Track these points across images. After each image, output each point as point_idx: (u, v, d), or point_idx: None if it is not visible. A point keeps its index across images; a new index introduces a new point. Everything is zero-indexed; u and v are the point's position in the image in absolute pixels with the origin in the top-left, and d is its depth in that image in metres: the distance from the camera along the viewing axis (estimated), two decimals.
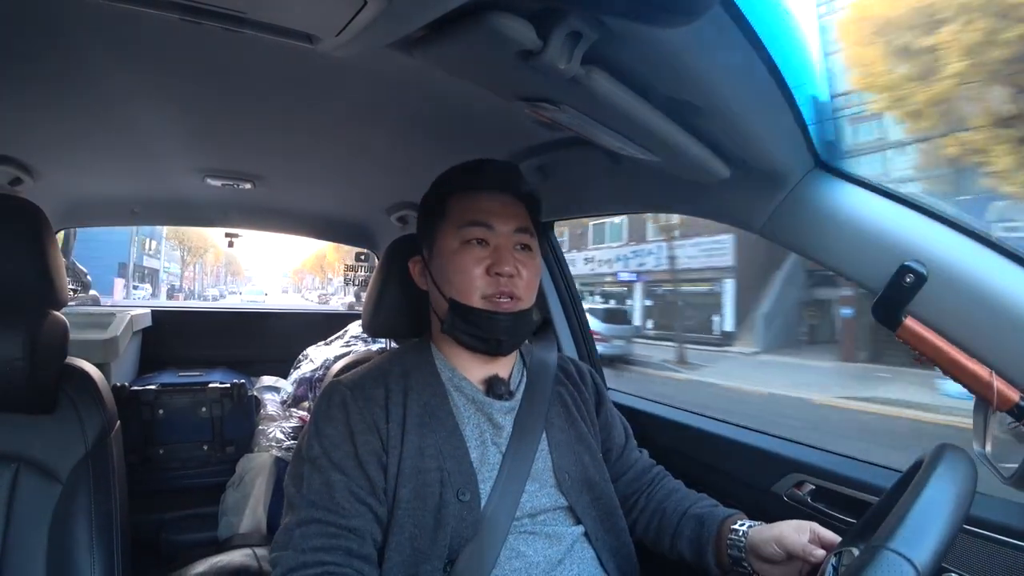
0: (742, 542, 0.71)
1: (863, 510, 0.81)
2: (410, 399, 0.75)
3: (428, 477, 0.70)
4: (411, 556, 0.68)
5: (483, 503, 0.71)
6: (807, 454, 0.95)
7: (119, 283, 13.85)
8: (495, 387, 0.79)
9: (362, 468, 0.69)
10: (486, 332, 0.75)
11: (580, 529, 0.77)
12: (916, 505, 0.45)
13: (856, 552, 0.51)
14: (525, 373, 0.85)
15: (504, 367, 0.82)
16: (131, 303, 3.03)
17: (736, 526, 0.73)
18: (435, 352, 0.81)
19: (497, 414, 0.77)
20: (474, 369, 0.80)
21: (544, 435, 0.79)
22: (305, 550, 0.64)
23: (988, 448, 0.63)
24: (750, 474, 0.99)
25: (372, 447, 0.71)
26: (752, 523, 0.73)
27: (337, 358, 1.76)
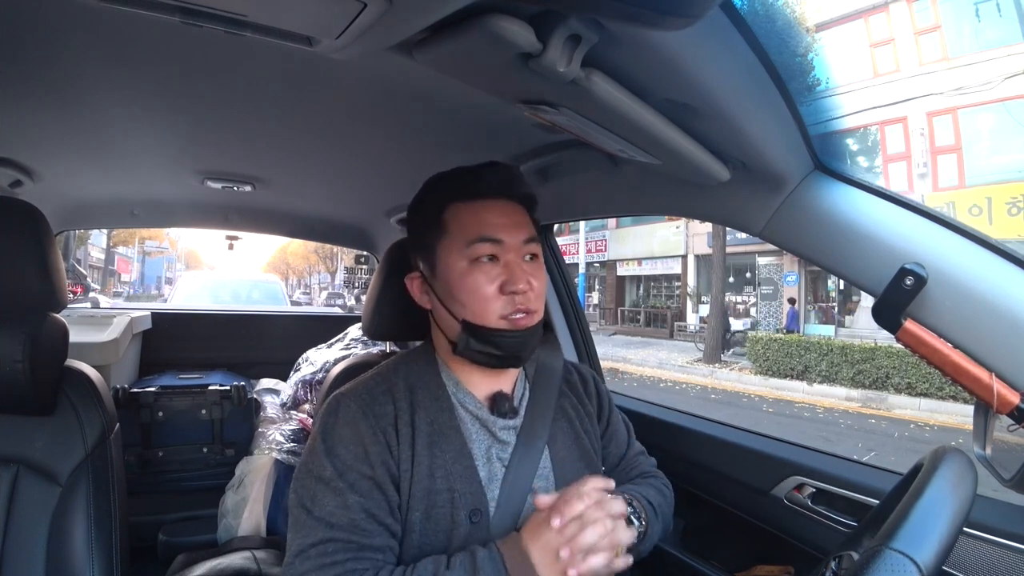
0: None
1: (863, 513, 0.81)
2: (418, 416, 0.72)
3: (439, 498, 0.68)
4: None
5: (491, 520, 0.70)
6: (807, 457, 0.94)
7: (167, 287, 26.53)
8: (499, 405, 0.76)
9: (380, 488, 0.67)
10: (504, 351, 0.72)
11: None
12: (918, 505, 0.45)
13: (856, 556, 0.50)
14: (528, 385, 0.83)
15: (508, 381, 0.80)
16: (143, 306, 3.29)
17: None
18: (440, 364, 0.78)
19: (501, 431, 0.75)
20: (479, 384, 0.77)
21: (547, 452, 0.77)
22: (330, 564, 0.62)
23: (988, 450, 0.63)
24: (750, 477, 0.99)
25: (388, 468, 0.68)
26: None
27: (337, 361, 1.75)
